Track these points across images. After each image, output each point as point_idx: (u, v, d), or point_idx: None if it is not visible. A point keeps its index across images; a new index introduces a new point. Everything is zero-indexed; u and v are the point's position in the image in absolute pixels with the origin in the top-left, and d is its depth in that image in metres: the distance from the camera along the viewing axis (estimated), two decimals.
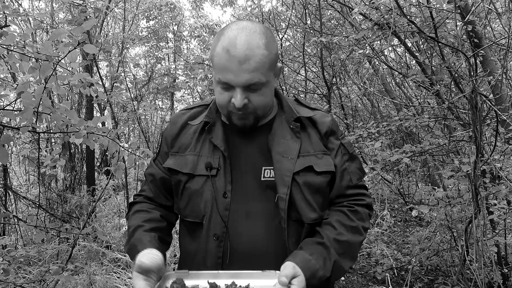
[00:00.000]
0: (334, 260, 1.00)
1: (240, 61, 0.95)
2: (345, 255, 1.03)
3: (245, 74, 0.96)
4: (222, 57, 0.97)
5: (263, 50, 0.96)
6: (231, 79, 0.97)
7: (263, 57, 0.96)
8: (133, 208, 1.18)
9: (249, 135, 1.11)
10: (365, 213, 1.13)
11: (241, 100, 0.99)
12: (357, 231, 1.08)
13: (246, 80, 0.97)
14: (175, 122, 1.18)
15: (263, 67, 0.97)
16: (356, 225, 1.08)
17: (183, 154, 1.11)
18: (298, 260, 0.96)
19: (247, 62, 0.95)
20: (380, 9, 2.99)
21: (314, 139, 1.11)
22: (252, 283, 0.95)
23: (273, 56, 1.00)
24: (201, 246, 1.07)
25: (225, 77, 0.98)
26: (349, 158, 1.14)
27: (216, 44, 0.99)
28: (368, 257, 3.99)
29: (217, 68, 0.99)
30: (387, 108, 6.50)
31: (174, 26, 8.23)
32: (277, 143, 1.07)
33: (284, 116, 1.12)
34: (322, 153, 1.10)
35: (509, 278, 2.80)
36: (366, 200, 1.15)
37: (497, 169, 2.58)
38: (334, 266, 1.00)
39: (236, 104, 0.99)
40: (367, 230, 1.12)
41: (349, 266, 1.05)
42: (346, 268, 1.04)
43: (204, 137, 1.11)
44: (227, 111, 1.04)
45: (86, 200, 5.22)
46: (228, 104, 1.02)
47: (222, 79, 0.99)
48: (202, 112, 1.17)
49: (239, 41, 0.95)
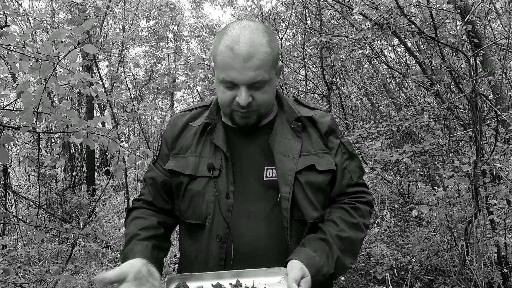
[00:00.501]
0: (336, 256, 1.01)
1: (244, 59, 0.95)
2: (347, 251, 1.04)
3: (249, 72, 0.96)
4: (225, 55, 0.96)
5: (266, 47, 0.97)
6: (235, 77, 0.97)
7: (266, 55, 0.97)
8: (131, 215, 1.17)
9: (250, 135, 1.10)
10: (366, 210, 1.14)
11: (246, 98, 0.99)
12: (359, 228, 1.09)
13: (250, 78, 0.97)
14: (175, 123, 1.17)
15: (266, 64, 0.98)
16: (358, 221, 1.09)
17: (184, 156, 1.11)
18: (303, 258, 0.96)
19: (251, 60, 0.95)
20: (380, 9, 2.99)
21: (315, 139, 1.11)
22: (257, 281, 0.95)
23: (275, 54, 1.01)
24: (203, 247, 1.07)
25: (229, 75, 0.97)
26: (349, 157, 1.15)
27: (219, 43, 0.99)
28: (368, 257, 3.99)
29: (220, 67, 0.99)
30: (387, 108, 6.50)
31: (174, 26, 8.23)
32: (278, 143, 1.07)
33: (284, 116, 1.12)
34: (322, 152, 1.10)
35: (509, 278, 2.80)
36: (366, 197, 1.16)
37: (497, 169, 2.58)
38: (337, 263, 1.01)
39: (241, 102, 0.99)
40: (368, 227, 1.14)
41: (351, 262, 1.06)
42: (348, 265, 1.05)
43: (205, 138, 1.11)
44: (230, 110, 1.04)
45: (86, 200, 5.22)
46: (232, 103, 1.02)
47: (226, 78, 0.98)
48: (202, 113, 1.16)
49: (242, 39, 0.95)
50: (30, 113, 1.86)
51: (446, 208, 2.96)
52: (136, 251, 1.01)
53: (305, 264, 0.94)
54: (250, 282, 0.95)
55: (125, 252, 1.04)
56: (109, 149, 2.30)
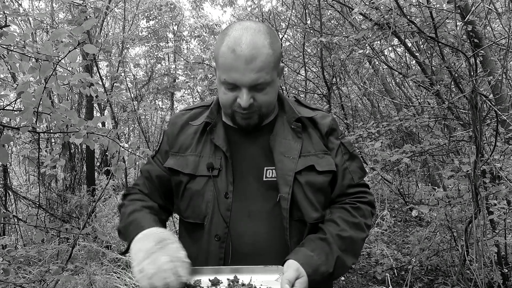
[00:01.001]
0: (337, 255, 1.00)
1: (246, 60, 0.94)
2: (347, 251, 1.03)
3: (251, 74, 0.96)
4: (227, 56, 0.96)
5: (268, 49, 0.96)
6: (237, 78, 0.97)
7: (268, 56, 0.96)
8: (128, 198, 1.17)
9: (251, 135, 1.11)
10: (368, 210, 1.13)
11: (247, 100, 0.99)
12: (360, 228, 1.08)
13: (252, 80, 0.96)
14: (175, 122, 1.18)
15: (268, 66, 0.97)
16: (359, 221, 1.08)
17: (183, 155, 1.11)
18: (300, 257, 0.96)
19: (253, 62, 0.95)
20: (380, 9, 2.99)
21: (315, 139, 1.11)
22: (254, 278, 0.96)
23: (277, 55, 1.01)
24: (203, 247, 1.07)
25: (231, 77, 0.97)
26: (350, 158, 1.15)
27: (221, 44, 0.98)
28: (368, 257, 3.99)
29: (222, 68, 0.99)
30: (387, 108, 6.50)
31: (174, 26, 8.23)
32: (279, 143, 1.08)
33: (285, 116, 1.12)
34: (323, 153, 1.10)
35: (509, 278, 2.80)
36: (368, 197, 1.15)
37: (497, 169, 2.58)
38: (337, 262, 1.00)
39: (243, 104, 0.99)
40: (369, 227, 1.13)
41: (352, 262, 1.05)
42: (349, 264, 1.04)
43: (205, 137, 1.11)
44: (231, 111, 1.04)
45: (86, 200, 5.22)
46: (233, 104, 1.02)
47: (227, 80, 0.98)
48: (202, 113, 1.16)
49: (244, 40, 0.95)
50: (30, 113, 1.86)
51: (446, 208, 2.96)
52: (150, 221, 1.03)
53: (301, 263, 0.94)
54: (247, 278, 0.95)
55: (130, 220, 1.05)
56: (109, 149, 2.30)
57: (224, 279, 0.95)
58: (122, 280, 3.30)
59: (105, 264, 3.62)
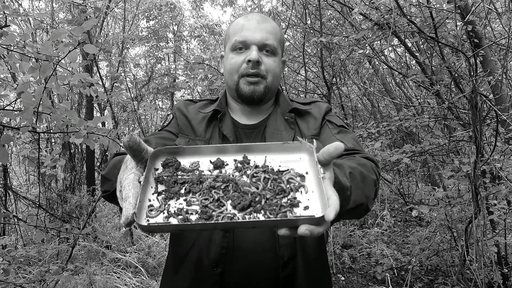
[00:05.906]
0: (349, 173, 0.82)
1: (258, 21, 1.08)
2: (359, 184, 0.83)
3: (262, 32, 1.06)
4: (239, 22, 1.09)
5: (274, 23, 1.11)
6: (248, 35, 1.06)
7: (276, 27, 1.10)
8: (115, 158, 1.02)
9: (250, 129, 1.13)
10: (369, 163, 0.96)
11: (256, 54, 1.04)
12: (369, 170, 0.92)
13: (262, 37, 1.06)
14: (184, 106, 1.19)
15: (276, 34, 1.09)
16: (365, 162, 0.93)
17: (193, 138, 1.12)
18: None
19: (264, 23, 1.08)
20: (380, 9, 2.99)
21: (311, 123, 1.13)
22: (270, 158, 0.76)
23: (282, 34, 1.13)
24: (205, 234, 1.05)
25: (242, 35, 1.06)
26: (339, 131, 1.10)
27: (231, 24, 1.13)
28: (368, 257, 3.99)
29: (233, 33, 1.09)
30: (387, 108, 6.51)
31: (174, 26, 8.23)
32: (270, 135, 1.10)
33: (279, 109, 1.16)
34: (310, 137, 1.08)
35: (509, 278, 2.80)
36: (368, 155, 1.00)
37: (497, 169, 2.58)
38: (352, 178, 0.81)
39: (252, 57, 1.04)
40: (378, 177, 0.96)
41: (361, 201, 0.83)
42: (358, 198, 0.82)
43: (213, 126, 1.13)
44: (238, 76, 1.08)
45: (86, 200, 5.22)
46: (241, 66, 1.06)
47: (238, 39, 1.06)
48: (208, 105, 1.19)
49: (253, 15, 1.10)
50: (30, 113, 1.86)
51: (446, 208, 2.96)
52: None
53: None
54: (261, 159, 0.76)
55: (112, 163, 0.94)
56: (109, 149, 2.30)
57: (230, 160, 0.76)
58: (122, 280, 3.30)
59: (105, 264, 3.63)
